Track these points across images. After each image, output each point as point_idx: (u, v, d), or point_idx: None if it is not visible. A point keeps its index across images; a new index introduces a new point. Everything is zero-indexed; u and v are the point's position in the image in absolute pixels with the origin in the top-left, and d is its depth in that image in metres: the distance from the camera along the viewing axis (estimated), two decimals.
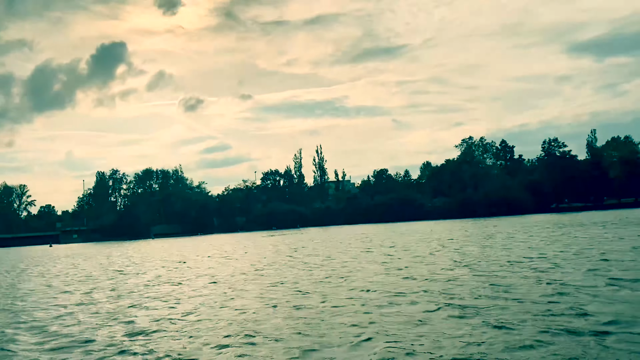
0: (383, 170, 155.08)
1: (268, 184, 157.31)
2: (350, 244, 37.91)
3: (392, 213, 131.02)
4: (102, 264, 34.85)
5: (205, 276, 20.96)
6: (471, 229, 50.83)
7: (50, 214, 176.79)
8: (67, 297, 17.05)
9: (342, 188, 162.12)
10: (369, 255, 25.67)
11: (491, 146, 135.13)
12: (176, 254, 40.83)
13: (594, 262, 16.83)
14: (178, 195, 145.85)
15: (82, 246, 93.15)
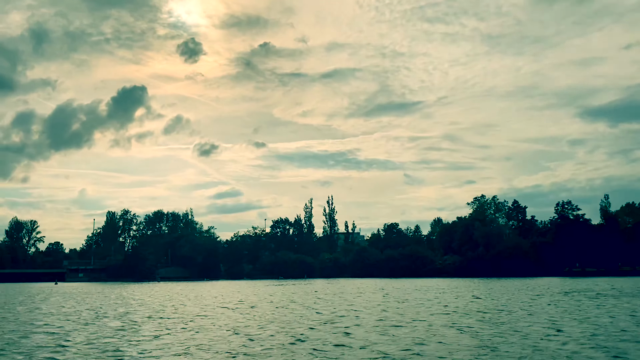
0: (394, 225, 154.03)
1: (277, 232, 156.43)
2: (363, 299, 36.96)
3: (402, 268, 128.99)
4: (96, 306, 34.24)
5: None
6: (481, 289, 49.63)
7: (58, 251, 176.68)
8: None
9: (352, 240, 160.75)
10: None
11: (503, 206, 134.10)
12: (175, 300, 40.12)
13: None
14: (187, 239, 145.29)
15: (87, 285, 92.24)
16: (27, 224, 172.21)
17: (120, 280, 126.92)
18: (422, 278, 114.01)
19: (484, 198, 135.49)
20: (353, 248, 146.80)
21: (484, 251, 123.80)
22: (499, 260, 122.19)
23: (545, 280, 78.83)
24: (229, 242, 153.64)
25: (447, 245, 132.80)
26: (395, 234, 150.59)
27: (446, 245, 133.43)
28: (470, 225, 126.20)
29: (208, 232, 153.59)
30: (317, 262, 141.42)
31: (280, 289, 58.57)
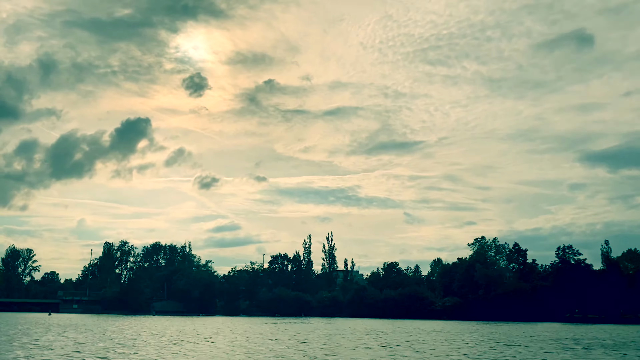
0: (393, 264, 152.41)
1: (275, 268, 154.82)
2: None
3: (401, 309, 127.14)
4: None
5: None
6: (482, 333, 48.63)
7: (54, 281, 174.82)
8: None
9: (351, 278, 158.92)
10: None
11: (504, 248, 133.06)
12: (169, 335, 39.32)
13: None
14: (183, 272, 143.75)
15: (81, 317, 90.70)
16: (24, 252, 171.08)
17: (115, 313, 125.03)
18: (421, 320, 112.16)
19: (485, 240, 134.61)
20: (352, 287, 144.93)
21: (484, 294, 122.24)
22: (499, 303, 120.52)
23: (544, 326, 77.42)
24: (226, 277, 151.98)
25: (447, 286, 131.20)
26: (395, 273, 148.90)
27: (446, 286, 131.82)
28: (471, 267, 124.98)
29: (205, 267, 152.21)
30: (315, 300, 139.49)
31: (273, 329, 57.53)
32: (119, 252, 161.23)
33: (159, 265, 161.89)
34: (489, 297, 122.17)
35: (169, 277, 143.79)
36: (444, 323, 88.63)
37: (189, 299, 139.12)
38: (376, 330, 53.54)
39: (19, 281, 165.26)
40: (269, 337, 39.47)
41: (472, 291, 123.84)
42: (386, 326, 68.89)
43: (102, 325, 57.62)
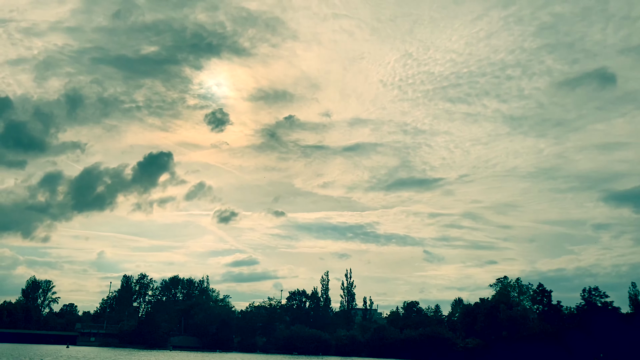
0: (413, 303, 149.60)
1: (293, 305, 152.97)
2: None
3: (421, 350, 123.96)
4: None
5: None
6: None
7: (72, 313, 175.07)
8: None
9: (370, 317, 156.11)
10: None
11: (527, 288, 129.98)
12: None
13: None
14: (201, 307, 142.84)
15: (99, 350, 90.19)
16: (43, 283, 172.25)
17: (132, 347, 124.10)
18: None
19: (507, 280, 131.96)
20: (371, 326, 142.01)
21: (508, 335, 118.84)
22: (523, 345, 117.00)
23: None
24: (243, 313, 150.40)
25: (469, 327, 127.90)
26: (415, 312, 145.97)
27: (468, 327, 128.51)
28: (494, 307, 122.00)
29: (223, 301, 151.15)
30: (333, 338, 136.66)
31: None
32: (137, 285, 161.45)
33: (177, 299, 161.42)
34: (512, 339, 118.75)
35: (186, 311, 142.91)
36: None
37: (205, 334, 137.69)
38: None
39: (37, 312, 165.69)
40: None
41: (495, 332, 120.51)
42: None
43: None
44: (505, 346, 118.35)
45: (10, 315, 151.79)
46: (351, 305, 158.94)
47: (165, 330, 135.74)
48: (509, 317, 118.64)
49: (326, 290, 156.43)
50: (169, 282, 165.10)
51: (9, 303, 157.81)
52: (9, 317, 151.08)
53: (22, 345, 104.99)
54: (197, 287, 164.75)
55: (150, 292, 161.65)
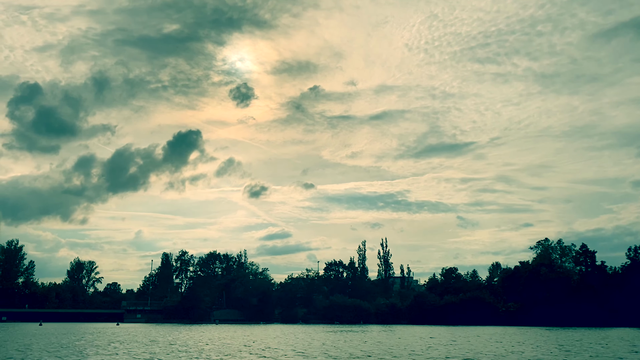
0: (452, 269, 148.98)
1: (331, 275, 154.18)
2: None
3: (463, 315, 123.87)
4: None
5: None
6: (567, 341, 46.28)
7: (115, 291, 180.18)
8: None
9: (408, 285, 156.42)
10: None
11: (570, 250, 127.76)
12: None
13: None
14: (241, 280, 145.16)
15: (149, 327, 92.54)
16: (87, 264, 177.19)
17: (176, 322, 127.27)
18: (485, 326, 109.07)
19: (548, 242, 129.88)
20: (410, 293, 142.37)
21: (550, 298, 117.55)
22: (566, 307, 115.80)
23: (620, 332, 73.28)
24: (282, 285, 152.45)
25: (510, 291, 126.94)
26: (454, 278, 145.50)
27: (509, 291, 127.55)
28: (536, 270, 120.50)
29: (262, 274, 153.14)
30: (372, 307, 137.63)
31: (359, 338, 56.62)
32: (179, 262, 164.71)
33: (216, 274, 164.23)
34: (554, 301, 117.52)
35: (227, 285, 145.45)
36: (515, 329, 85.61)
37: (247, 307, 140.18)
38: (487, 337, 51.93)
39: (83, 292, 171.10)
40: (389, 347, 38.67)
41: (537, 295, 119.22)
42: (469, 333, 67.09)
43: (191, 334, 58.28)
44: (548, 308, 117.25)
45: (58, 296, 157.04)
46: (388, 273, 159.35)
47: (207, 304, 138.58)
48: (551, 279, 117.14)
49: (363, 259, 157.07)
50: (207, 258, 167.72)
51: (56, 284, 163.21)
52: (57, 298, 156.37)
53: (73, 324, 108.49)
54: (235, 262, 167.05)
55: (191, 268, 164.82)
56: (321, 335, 56.45)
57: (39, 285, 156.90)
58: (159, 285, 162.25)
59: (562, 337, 53.78)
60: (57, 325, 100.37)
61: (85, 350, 32.90)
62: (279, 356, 25.86)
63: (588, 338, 52.45)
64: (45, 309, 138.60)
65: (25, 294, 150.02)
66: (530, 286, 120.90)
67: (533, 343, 43.03)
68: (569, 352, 32.30)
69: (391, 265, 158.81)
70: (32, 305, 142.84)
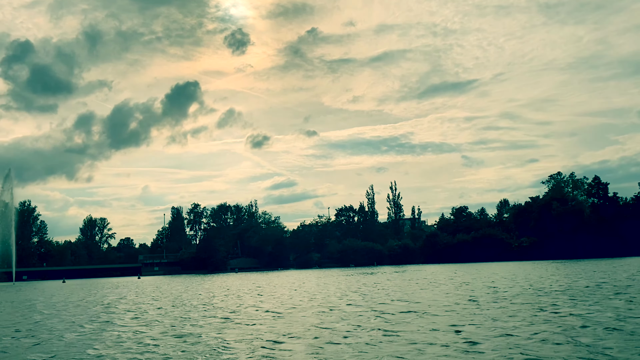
0: (462, 208, 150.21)
1: (342, 220, 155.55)
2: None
3: (475, 253, 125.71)
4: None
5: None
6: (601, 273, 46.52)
7: (129, 246, 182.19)
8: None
9: (419, 226, 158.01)
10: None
11: (582, 183, 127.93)
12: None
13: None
14: (255, 229, 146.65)
15: (170, 278, 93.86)
16: (99, 221, 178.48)
17: (194, 272, 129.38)
18: (500, 262, 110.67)
19: (560, 175, 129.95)
20: (421, 234, 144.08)
21: (563, 231, 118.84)
22: (578, 238, 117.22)
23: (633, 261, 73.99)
24: (295, 231, 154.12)
25: (522, 226, 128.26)
26: (465, 217, 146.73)
27: (521, 226, 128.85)
28: (548, 204, 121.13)
29: (275, 223, 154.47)
30: (385, 248, 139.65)
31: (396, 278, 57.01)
32: (192, 214, 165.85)
33: (228, 224, 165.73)
34: (567, 233, 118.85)
35: (241, 235, 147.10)
36: (531, 264, 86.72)
37: (262, 255, 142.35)
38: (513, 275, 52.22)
39: (97, 249, 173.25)
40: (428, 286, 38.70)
41: (550, 229, 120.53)
42: (493, 270, 67.72)
43: (224, 282, 58.88)
44: (560, 240, 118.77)
45: (73, 254, 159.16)
46: (398, 216, 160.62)
47: (223, 254, 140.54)
48: (563, 212, 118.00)
49: (372, 203, 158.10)
50: (218, 210, 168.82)
51: (71, 242, 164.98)
52: (73, 255, 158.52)
53: (93, 280, 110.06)
54: (246, 212, 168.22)
55: (204, 220, 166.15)
56: (371, 278, 56.83)
57: (54, 243, 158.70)
58: (172, 238, 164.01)
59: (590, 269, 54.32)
60: (79, 281, 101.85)
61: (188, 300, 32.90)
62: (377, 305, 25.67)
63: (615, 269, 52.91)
64: (63, 267, 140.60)
65: (42, 253, 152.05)
66: (543, 220, 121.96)
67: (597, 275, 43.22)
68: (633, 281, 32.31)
69: (401, 207, 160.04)
70: (50, 263, 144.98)
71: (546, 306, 19.10)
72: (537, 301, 21.30)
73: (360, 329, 15.33)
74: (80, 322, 20.52)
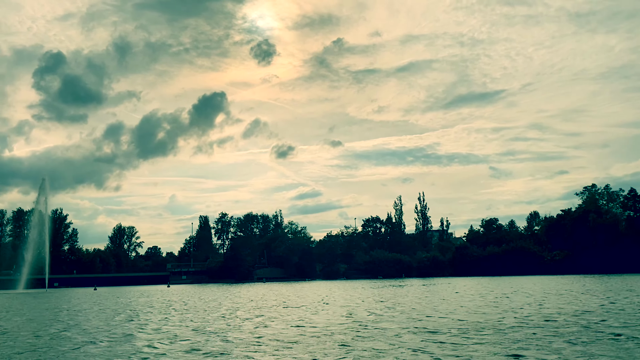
0: (493, 219, 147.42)
1: (369, 231, 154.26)
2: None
3: (506, 266, 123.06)
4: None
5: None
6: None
7: (157, 255, 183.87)
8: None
9: (447, 238, 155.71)
10: None
11: (617, 195, 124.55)
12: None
13: None
14: (282, 239, 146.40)
15: (199, 287, 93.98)
16: (127, 230, 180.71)
17: (221, 282, 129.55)
18: (532, 275, 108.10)
19: (595, 187, 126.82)
20: (450, 246, 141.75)
21: (599, 244, 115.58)
22: (613, 252, 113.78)
23: None
24: (322, 242, 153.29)
25: (555, 239, 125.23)
26: (495, 229, 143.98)
27: (554, 239, 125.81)
28: (583, 216, 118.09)
29: (302, 233, 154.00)
30: (414, 260, 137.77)
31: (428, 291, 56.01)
32: (219, 224, 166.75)
33: (254, 234, 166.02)
34: (602, 247, 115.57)
35: (267, 244, 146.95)
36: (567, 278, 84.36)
37: (289, 265, 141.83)
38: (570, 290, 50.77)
39: (126, 257, 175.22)
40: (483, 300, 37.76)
41: (585, 242, 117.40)
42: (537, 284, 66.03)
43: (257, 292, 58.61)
44: (595, 254, 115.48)
45: (102, 262, 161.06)
46: (426, 227, 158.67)
47: (249, 263, 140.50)
48: (598, 225, 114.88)
49: (400, 214, 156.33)
50: (245, 219, 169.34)
51: (100, 250, 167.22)
52: (102, 263, 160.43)
53: (123, 288, 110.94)
54: (272, 222, 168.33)
55: (232, 229, 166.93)
56: (417, 290, 55.91)
57: (83, 251, 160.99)
58: (198, 247, 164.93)
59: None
60: (109, 289, 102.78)
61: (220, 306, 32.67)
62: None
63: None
64: (93, 274, 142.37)
65: (72, 260, 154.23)
66: (577, 233, 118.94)
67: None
68: None
69: (429, 219, 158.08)
70: (79, 271, 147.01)
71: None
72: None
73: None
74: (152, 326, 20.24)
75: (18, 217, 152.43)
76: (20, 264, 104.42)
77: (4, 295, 74.77)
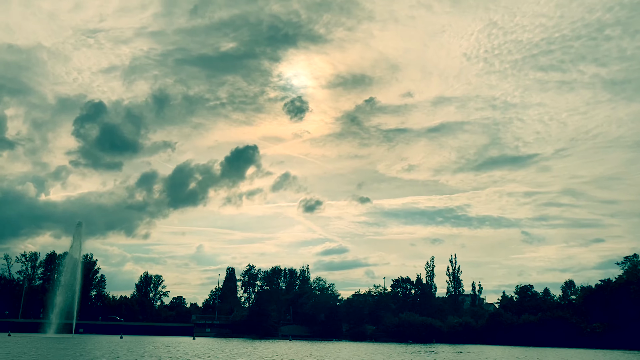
0: (528, 286, 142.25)
1: (398, 292, 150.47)
2: None
3: (543, 335, 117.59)
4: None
5: None
6: None
7: (181, 305, 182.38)
8: None
9: (479, 303, 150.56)
10: None
11: None
12: None
13: None
14: (308, 295, 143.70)
15: (224, 341, 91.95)
16: (154, 278, 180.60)
17: (245, 337, 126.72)
18: (568, 348, 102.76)
19: (637, 257, 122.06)
20: (484, 312, 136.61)
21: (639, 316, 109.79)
22: None
23: None
24: (349, 300, 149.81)
25: (594, 310, 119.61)
26: (530, 297, 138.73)
27: (593, 310, 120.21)
28: (625, 287, 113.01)
29: (330, 290, 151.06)
30: (444, 325, 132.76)
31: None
32: (247, 276, 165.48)
33: (280, 288, 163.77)
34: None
35: (294, 300, 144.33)
36: (612, 353, 79.84)
37: (314, 323, 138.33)
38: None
39: (150, 305, 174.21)
40: None
41: (627, 315, 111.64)
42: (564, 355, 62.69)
43: (287, 352, 56.95)
44: (638, 328, 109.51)
45: (127, 309, 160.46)
46: (458, 291, 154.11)
47: (274, 319, 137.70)
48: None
49: (431, 276, 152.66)
50: (271, 273, 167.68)
51: (127, 298, 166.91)
52: (127, 310, 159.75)
53: (149, 337, 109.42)
54: (299, 277, 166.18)
55: (259, 282, 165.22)
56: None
57: (110, 298, 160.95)
58: (223, 299, 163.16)
59: None
60: (135, 337, 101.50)
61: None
62: None
63: None
64: (118, 322, 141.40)
65: (98, 307, 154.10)
66: (619, 305, 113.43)
67: None
68: None
69: (461, 282, 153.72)
70: (104, 317, 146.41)
71: None
72: None
73: None
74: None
75: (50, 260, 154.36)
76: (49, 307, 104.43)
77: (33, 338, 74.43)
